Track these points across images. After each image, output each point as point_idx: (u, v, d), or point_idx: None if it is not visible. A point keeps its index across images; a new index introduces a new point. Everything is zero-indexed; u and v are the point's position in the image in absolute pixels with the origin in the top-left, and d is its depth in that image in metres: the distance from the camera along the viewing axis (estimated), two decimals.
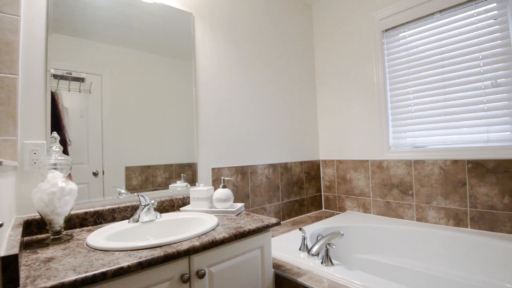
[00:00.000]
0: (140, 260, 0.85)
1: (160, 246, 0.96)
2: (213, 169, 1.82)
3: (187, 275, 0.97)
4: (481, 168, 1.75)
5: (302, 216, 2.42)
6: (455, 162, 1.85)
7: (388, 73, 2.22)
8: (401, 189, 2.11)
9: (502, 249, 1.55)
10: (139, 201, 1.25)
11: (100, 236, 1.04)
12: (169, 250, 0.93)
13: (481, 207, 1.75)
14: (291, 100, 2.44)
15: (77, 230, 1.20)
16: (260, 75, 2.19)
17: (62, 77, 1.28)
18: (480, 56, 1.78)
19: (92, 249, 0.95)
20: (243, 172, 1.99)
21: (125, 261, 0.83)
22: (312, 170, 2.57)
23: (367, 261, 1.93)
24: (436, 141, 1.98)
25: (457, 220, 1.84)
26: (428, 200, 1.97)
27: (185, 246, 0.97)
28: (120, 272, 0.80)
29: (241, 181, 1.98)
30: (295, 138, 2.44)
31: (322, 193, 2.64)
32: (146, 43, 1.57)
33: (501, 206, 1.68)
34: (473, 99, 1.81)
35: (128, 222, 1.21)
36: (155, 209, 1.44)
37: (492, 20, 1.74)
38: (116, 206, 1.34)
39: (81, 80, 1.34)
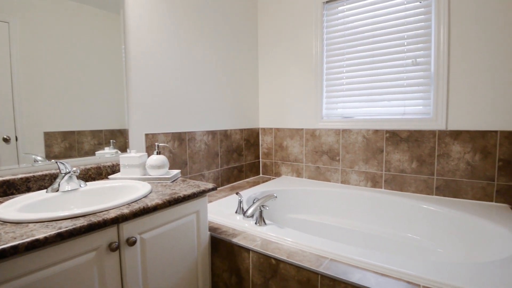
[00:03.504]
0: (59, 230, 0.79)
1: (83, 215, 0.90)
2: (146, 135, 1.73)
3: (116, 243, 0.94)
4: (396, 137, 1.99)
5: (241, 181, 2.49)
6: (376, 131, 2.07)
7: (326, 45, 2.29)
8: (329, 155, 2.30)
9: (408, 206, 1.83)
10: (59, 168, 1.13)
11: (11, 208, 0.93)
12: (94, 219, 0.88)
13: (394, 170, 2.02)
14: (233, 67, 2.38)
15: None
16: (200, 37, 2.07)
17: None
18: (405, 36, 1.94)
19: (1, 222, 0.84)
20: (180, 138, 1.94)
21: (41, 233, 0.76)
22: (251, 138, 2.62)
23: (298, 220, 2.12)
24: (362, 112, 2.16)
25: (374, 182, 2.10)
26: (352, 165, 2.19)
27: (112, 214, 0.92)
28: (36, 245, 0.74)
29: (179, 148, 1.93)
30: (235, 106, 2.43)
31: (261, 159, 2.73)
32: None
33: (410, 170, 1.96)
34: (395, 75, 2.00)
35: (46, 192, 1.10)
36: (79, 177, 1.32)
37: (418, 3, 1.89)
38: (31, 174, 1.20)
39: None
